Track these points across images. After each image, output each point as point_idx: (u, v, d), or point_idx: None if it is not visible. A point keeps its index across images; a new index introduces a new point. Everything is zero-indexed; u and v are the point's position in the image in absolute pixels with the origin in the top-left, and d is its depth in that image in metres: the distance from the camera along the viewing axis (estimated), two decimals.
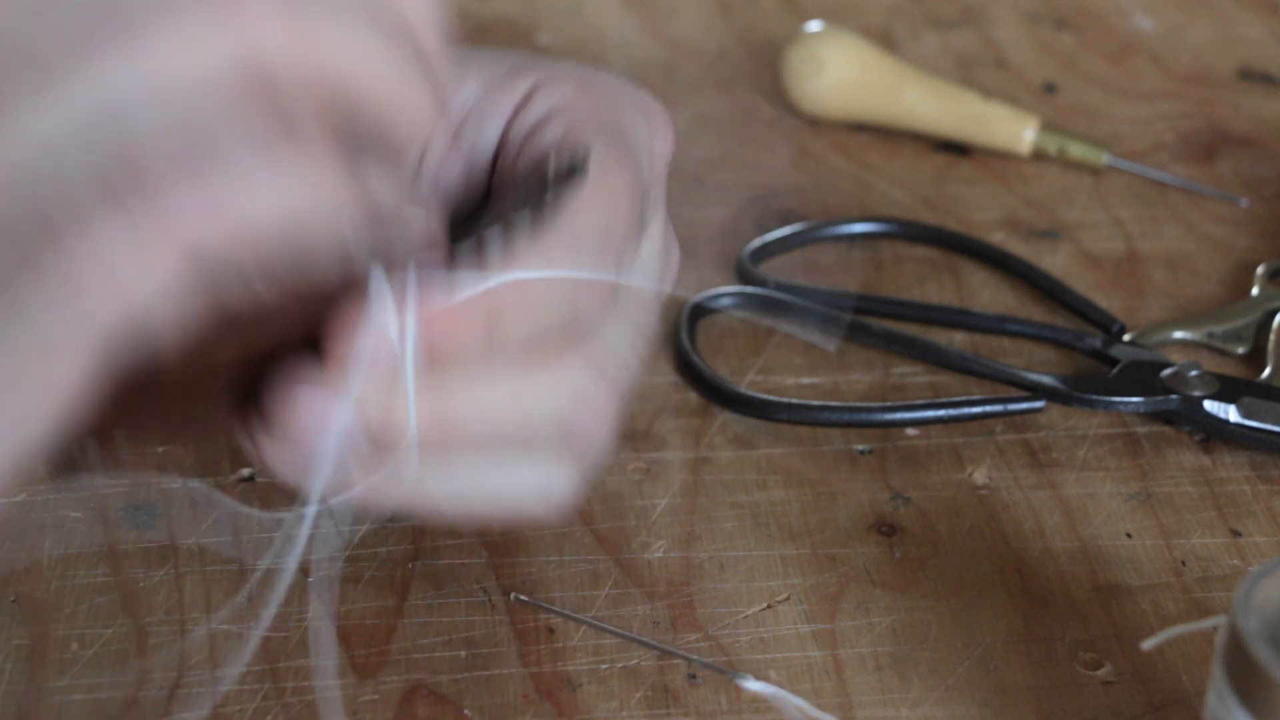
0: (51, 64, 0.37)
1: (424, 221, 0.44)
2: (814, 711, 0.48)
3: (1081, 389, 0.59)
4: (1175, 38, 0.84)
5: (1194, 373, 0.59)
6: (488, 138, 0.51)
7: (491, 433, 0.45)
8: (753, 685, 0.49)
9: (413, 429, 0.43)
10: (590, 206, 0.47)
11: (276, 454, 0.43)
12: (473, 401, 0.45)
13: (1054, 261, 0.68)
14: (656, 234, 0.51)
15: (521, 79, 0.51)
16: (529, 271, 0.45)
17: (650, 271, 0.51)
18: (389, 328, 0.43)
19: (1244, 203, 0.72)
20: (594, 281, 0.46)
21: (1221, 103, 0.79)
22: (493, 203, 0.49)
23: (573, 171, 0.48)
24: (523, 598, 0.52)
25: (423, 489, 0.45)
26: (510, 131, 0.50)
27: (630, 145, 0.49)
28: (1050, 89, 0.79)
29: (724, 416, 0.59)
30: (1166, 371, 0.60)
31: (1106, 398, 0.59)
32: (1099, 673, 0.50)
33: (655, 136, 0.51)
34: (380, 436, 0.43)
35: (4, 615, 0.51)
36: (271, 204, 0.38)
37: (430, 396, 0.44)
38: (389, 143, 0.41)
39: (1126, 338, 0.63)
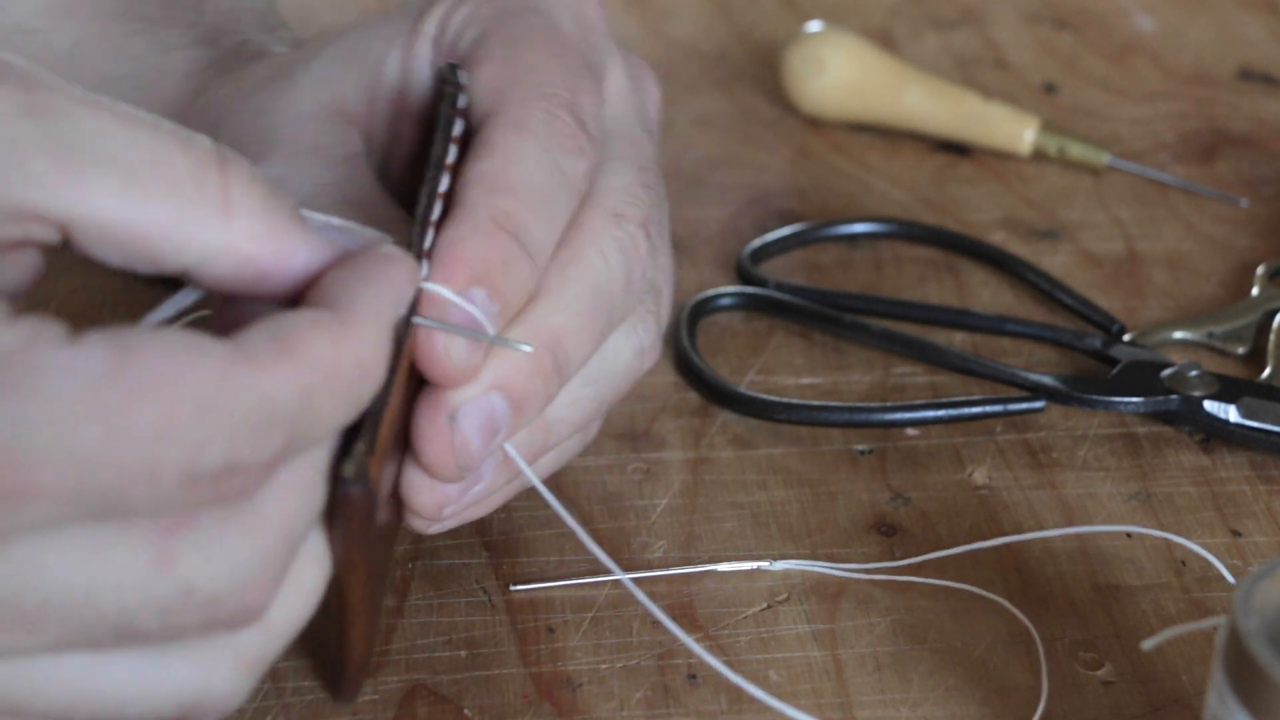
0: None
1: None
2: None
3: (1081, 389, 0.59)
4: (1175, 38, 0.84)
5: (1194, 373, 0.59)
6: (423, 88, 0.52)
7: (596, 322, 0.47)
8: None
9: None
10: (512, 77, 0.48)
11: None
12: (565, 309, 0.46)
13: (1054, 261, 0.68)
14: (618, 74, 0.53)
15: (428, 20, 0.52)
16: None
17: (626, 108, 0.52)
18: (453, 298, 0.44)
19: (1244, 203, 0.72)
20: (567, 139, 0.47)
21: (1221, 103, 0.79)
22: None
23: (445, 86, 0.49)
24: (521, 588, 0.52)
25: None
26: (439, 71, 0.51)
27: (536, 8, 0.50)
28: (1050, 89, 0.79)
29: (724, 416, 0.59)
30: (1166, 371, 0.60)
31: (1106, 398, 0.59)
32: (1099, 673, 0.50)
33: (644, 78, 0.53)
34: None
35: None
36: None
37: (535, 365, 0.46)
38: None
39: (1126, 338, 0.63)
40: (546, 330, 0.46)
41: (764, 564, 0.53)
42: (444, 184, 0.46)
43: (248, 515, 0.38)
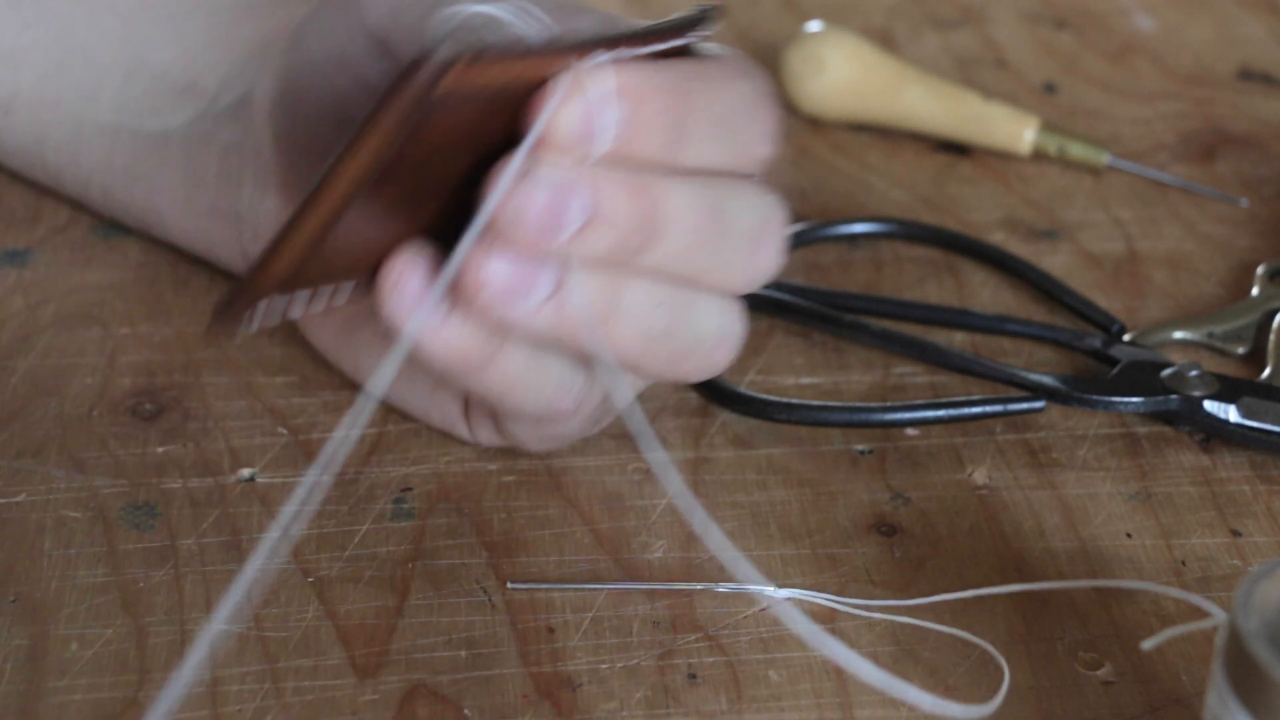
0: None
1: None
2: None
3: (1081, 389, 0.59)
4: (1175, 38, 0.84)
5: (1194, 373, 0.59)
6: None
7: (695, 235, 0.48)
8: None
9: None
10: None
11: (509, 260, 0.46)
12: (680, 201, 0.47)
13: (1054, 261, 0.68)
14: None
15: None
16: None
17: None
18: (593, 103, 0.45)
19: (1244, 203, 0.72)
20: (767, 116, 0.49)
21: (1221, 103, 0.79)
22: None
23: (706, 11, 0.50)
24: (520, 585, 0.52)
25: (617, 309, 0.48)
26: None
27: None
28: (1050, 89, 0.79)
29: (724, 416, 0.59)
30: (1166, 371, 0.60)
31: (1106, 398, 0.59)
32: (1099, 673, 0.50)
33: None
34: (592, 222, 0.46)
35: (4, 615, 0.51)
36: None
37: (632, 189, 0.47)
38: None
39: (1126, 338, 0.63)
40: (658, 185, 0.47)
41: (767, 589, 0.52)
42: None
43: None
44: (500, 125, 0.45)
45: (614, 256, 0.47)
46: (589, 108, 0.45)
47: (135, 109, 0.61)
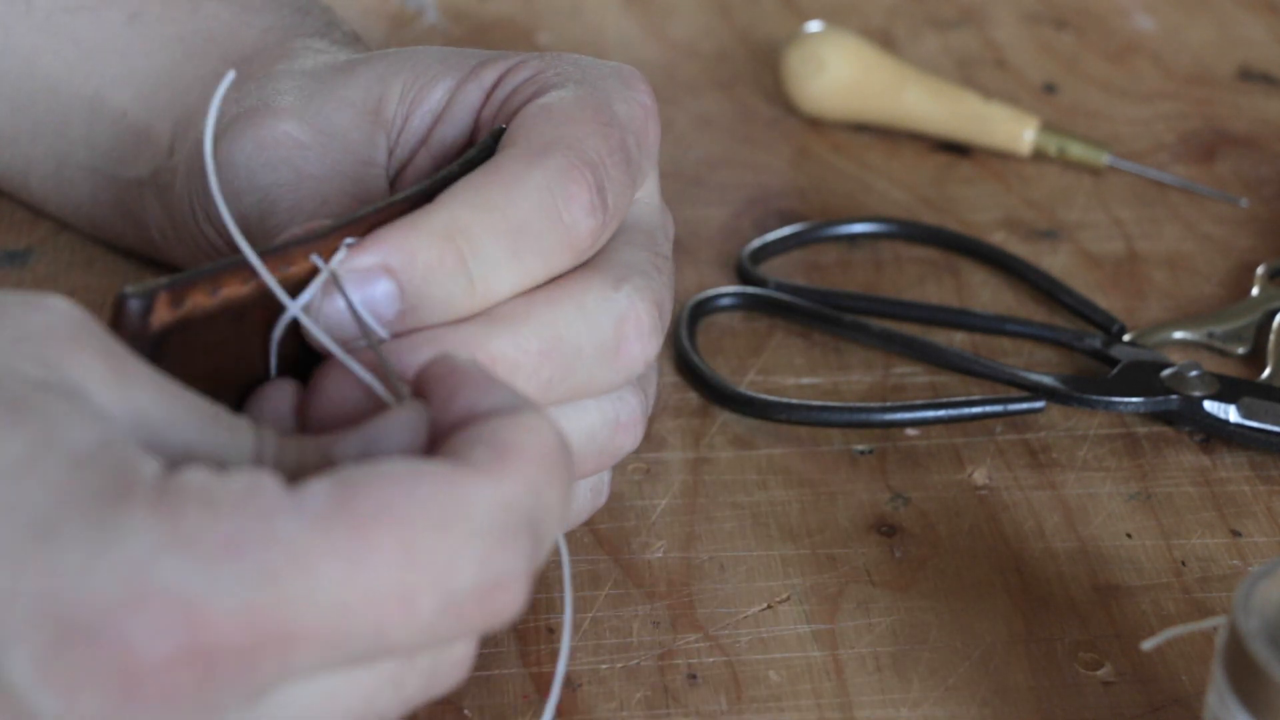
0: None
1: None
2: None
3: (1081, 389, 0.59)
4: (1175, 38, 0.84)
5: (1194, 373, 0.59)
6: (456, 130, 0.51)
7: (542, 372, 0.44)
8: None
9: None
10: (548, 128, 0.46)
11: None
12: (508, 343, 0.44)
13: (1054, 261, 0.68)
14: (653, 187, 0.51)
15: (490, 69, 0.51)
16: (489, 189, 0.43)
17: (651, 215, 0.50)
18: (354, 295, 0.42)
19: (1244, 203, 0.72)
20: (573, 193, 0.45)
21: (1221, 103, 0.79)
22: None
23: (498, 136, 0.48)
24: None
25: None
26: (480, 118, 0.51)
27: (600, 91, 0.49)
28: (1050, 89, 0.79)
29: (724, 416, 0.59)
30: (1166, 372, 0.60)
31: (1106, 398, 0.59)
32: (1099, 673, 0.50)
33: (630, 90, 0.50)
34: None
35: None
36: None
37: (460, 343, 0.43)
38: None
39: (1126, 338, 0.63)
40: (479, 342, 0.44)
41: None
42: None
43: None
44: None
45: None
46: (353, 295, 0.42)
47: (105, 150, 0.59)
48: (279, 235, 0.46)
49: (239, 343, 0.43)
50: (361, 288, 0.43)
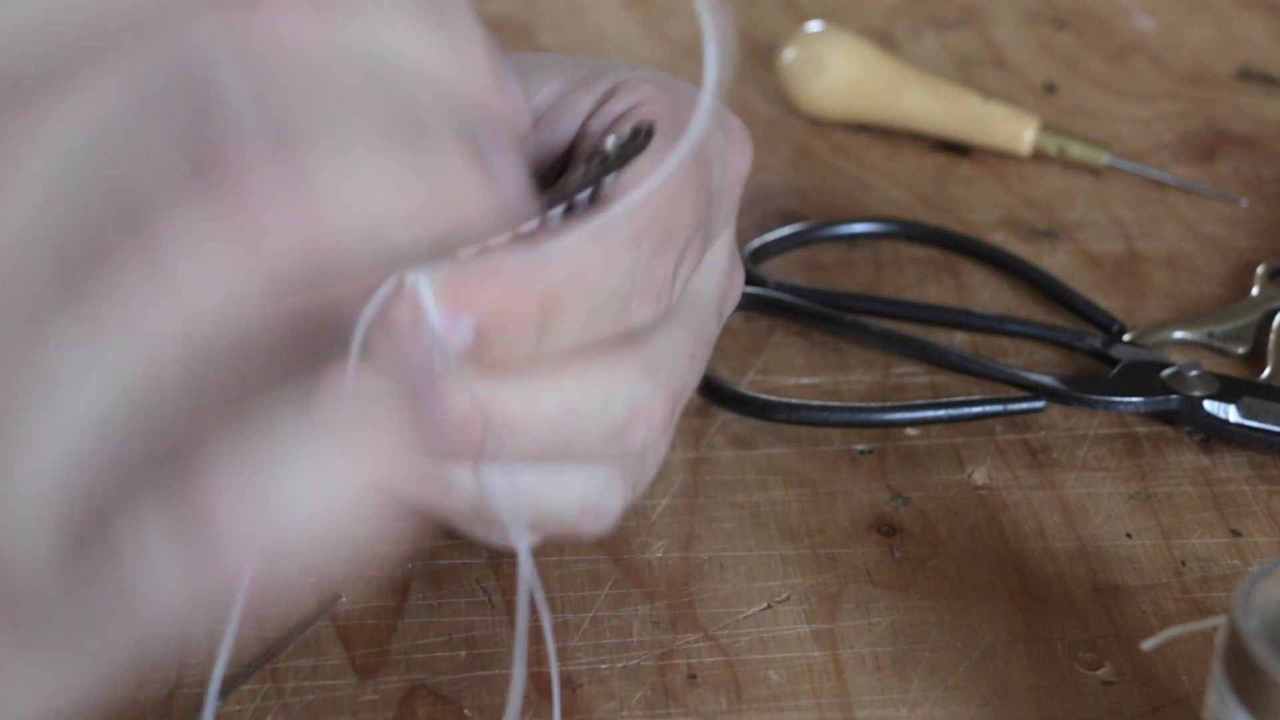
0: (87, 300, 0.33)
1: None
2: None
3: (1081, 389, 0.59)
4: (1175, 38, 0.84)
5: (1194, 373, 0.59)
6: (563, 133, 0.50)
7: (542, 439, 0.43)
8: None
9: (483, 429, 0.42)
10: (653, 201, 0.44)
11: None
12: (524, 404, 0.43)
13: (1054, 261, 0.68)
14: (723, 250, 0.50)
15: (603, 80, 0.50)
16: (581, 250, 0.43)
17: (712, 286, 0.49)
18: (434, 323, 0.41)
19: (1244, 203, 0.72)
20: (651, 279, 0.44)
21: (1221, 103, 0.79)
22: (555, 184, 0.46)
23: (635, 139, 0.46)
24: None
25: (474, 497, 0.43)
26: (587, 127, 0.49)
27: (706, 151, 0.47)
28: (1050, 89, 0.79)
29: (724, 416, 0.59)
30: (1166, 371, 0.60)
31: (1106, 398, 0.59)
32: (1099, 673, 0.50)
33: (732, 150, 0.49)
34: (436, 440, 0.41)
35: None
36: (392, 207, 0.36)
37: (480, 397, 0.42)
38: (499, 139, 0.39)
39: (1126, 338, 0.63)
40: (499, 394, 0.42)
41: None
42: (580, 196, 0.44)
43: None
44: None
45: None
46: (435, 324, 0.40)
47: None
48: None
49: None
50: (450, 323, 0.41)
